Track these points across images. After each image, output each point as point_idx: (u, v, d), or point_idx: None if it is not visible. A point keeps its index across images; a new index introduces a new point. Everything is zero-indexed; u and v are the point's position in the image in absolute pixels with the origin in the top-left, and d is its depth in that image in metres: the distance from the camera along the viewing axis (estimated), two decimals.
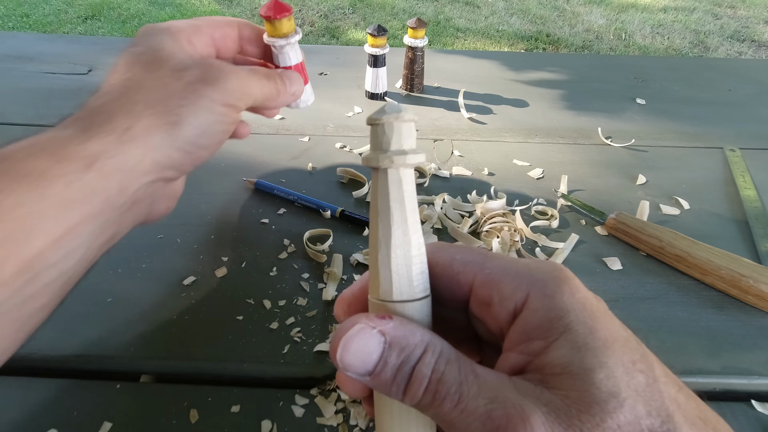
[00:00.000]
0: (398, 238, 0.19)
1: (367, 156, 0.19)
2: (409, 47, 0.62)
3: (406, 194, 0.19)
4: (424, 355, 0.17)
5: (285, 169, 0.50)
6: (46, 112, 0.58)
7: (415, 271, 0.19)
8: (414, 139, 0.19)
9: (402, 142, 0.19)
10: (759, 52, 2.44)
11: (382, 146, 0.19)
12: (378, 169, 0.19)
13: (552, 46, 2.40)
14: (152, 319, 0.35)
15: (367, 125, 0.20)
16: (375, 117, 0.19)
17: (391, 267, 0.19)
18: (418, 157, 0.19)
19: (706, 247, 0.39)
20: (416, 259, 0.19)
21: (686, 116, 0.62)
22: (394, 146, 0.19)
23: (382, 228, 0.19)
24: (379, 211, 0.19)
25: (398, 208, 0.19)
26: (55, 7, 2.47)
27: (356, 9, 2.63)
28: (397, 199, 0.19)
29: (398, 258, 0.19)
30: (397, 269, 0.19)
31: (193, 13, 2.49)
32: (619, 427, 0.15)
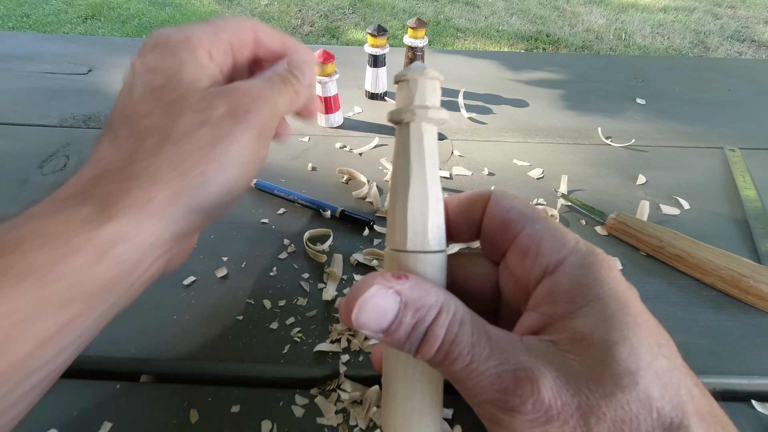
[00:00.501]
0: (416, 190, 0.19)
1: (392, 111, 0.20)
2: (409, 47, 0.62)
3: (426, 149, 0.19)
4: (439, 316, 0.17)
5: (285, 169, 0.50)
6: (46, 112, 0.58)
7: (431, 224, 0.19)
8: (438, 98, 0.20)
9: (425, 98, 0.20)
10: (759, 52, 2.44)
11: (405, 101, 0.19)
12: (401, 123, 0.19)
13: (552, 46, 2.40)
14: (152, 319, 0.35)
15: (394, 83, 0.20)
16: (402, 74, 0.20)
17: (407, 217, 0.19)
18: (441, 113, 0.20)
19: (706, 247, 0.39)
20: (433, 213, 0.19)
21: (686, 116, 0.62)
22: (417, 101, 0.19)
23: (401, 179, 0.19)
24: (399, 164, 0.19)
25: (418, 160, 0.19)
26: (55, 7, 2.47)
27: (356, 9, 2.63)
28: (418, 152, 0.19)
29: (414, 209, 0.19)
30: (413, 220, 0.19)
31: (192, 13, 2.49)
32: (629, 403, 0.15)
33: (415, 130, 0.19)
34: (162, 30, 0.25)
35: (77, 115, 0.58)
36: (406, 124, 0.19)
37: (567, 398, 0.15)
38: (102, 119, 0.57)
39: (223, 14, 2.49)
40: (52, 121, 0.57)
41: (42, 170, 0.49)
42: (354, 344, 0.34)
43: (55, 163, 0.50)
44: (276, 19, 2.48)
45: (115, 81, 0.66)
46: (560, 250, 0.18)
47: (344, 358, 0.33)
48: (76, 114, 0.58)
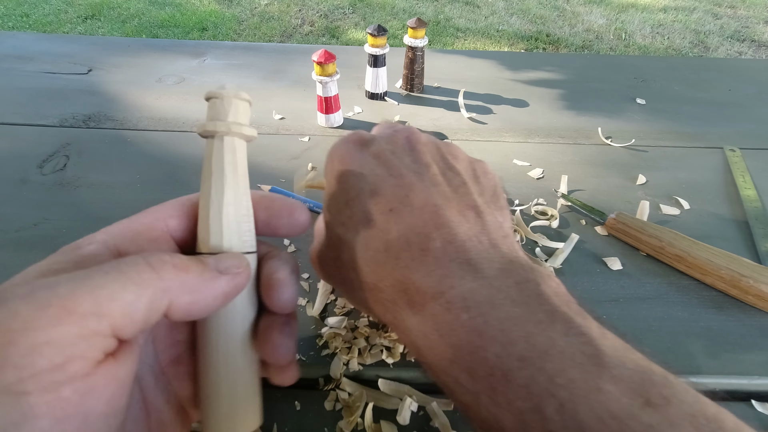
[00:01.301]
0: (230, 197, 0.21)
1: (205, 124, 0.21)
2: (409, 47, 0.62)
3: (239, 160, 0.21)
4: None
5: (285, 169, 0.50)
6: (46, 112, 0.58)
7: (244, 227, 0.21)
8: (248, 119, 0.22)
9: (238, 116, 0.21)
10: (759, 52, 2.44)
11: (219, 116, 0.21)
12: (215, 136, 0.21)
13: (552, 46, 2.40)
14: None
15: (205, 100, 0.21)
16: (215, 91, 0.21)
17: (222, 222, 0.20)
18: (253, 130, 0.22)
19: (706, 247, 0.39)
20: (245, 218, 0.21)
21: (686, 116, 0.62)
22: (231, 117, 0.21)
23: (215, 187, 0.21)
24: (213, 173, 0.21)
25: (231, 170, 0.21)
26: (55, 6, 2.47)
27: (356, 9, 2.63)
28: (231, 163, 0.21)
29: (229, 215, 0.21)
30: (228, 224, 0.20)
31: (192, 13, 2.49)
32: None
33: (229, 143, 0.21)
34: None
35: (77, 115, 0.58)
36: (221, 137, 0.21)
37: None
38: (102, 119, 0.57)
39: (223, 14, 2.49)
40: (52, 121, 0.57)
41: (42, 170, 0.49)
42: (355, 345, 0.34)
43: (55, 163, 0.50)
44: (276, 19, 2.48)
45: (115, 81, 0.66)
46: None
47: (344, 358, 0.33)
48: (76, 114, 0.58)
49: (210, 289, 0.18)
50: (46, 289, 0.15)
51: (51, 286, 0.15)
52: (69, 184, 0.47)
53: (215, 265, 0.19)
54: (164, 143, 0.54)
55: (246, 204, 0.21)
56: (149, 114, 0.59)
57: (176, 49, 0.75)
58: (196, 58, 0.73)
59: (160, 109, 0.60)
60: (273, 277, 0.22)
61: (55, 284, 0.15)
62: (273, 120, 0.58)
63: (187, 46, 0.78)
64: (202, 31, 2.34)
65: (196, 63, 0.71)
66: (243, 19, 2.49)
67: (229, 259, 0.19)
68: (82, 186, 0.47)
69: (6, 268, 0.38)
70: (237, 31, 2.37)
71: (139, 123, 0.57)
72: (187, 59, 0.72)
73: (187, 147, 0.53)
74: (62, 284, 0.15)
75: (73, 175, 0.48)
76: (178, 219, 0.21)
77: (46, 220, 0.43)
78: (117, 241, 0.19)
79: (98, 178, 0.48)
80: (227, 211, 0.20)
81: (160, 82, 0.66)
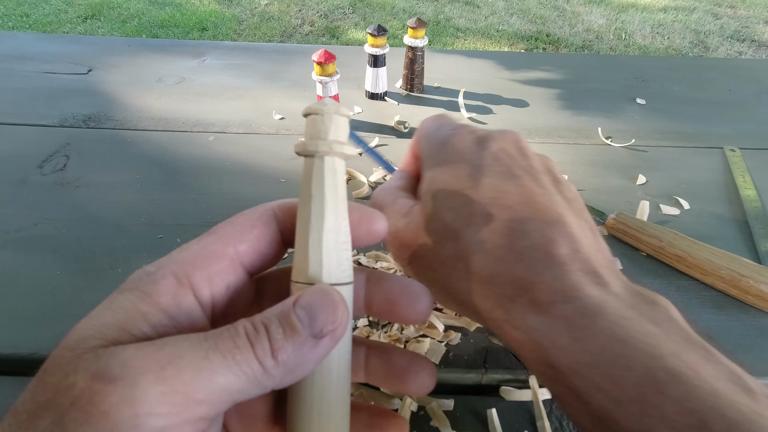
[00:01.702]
0: (330, 223, 0.19)
1: (304, 143, 0.20)
2: (409, 47, 0.62)
3: (339, 182, 0.20)
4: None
5: (285, 170, 0.50)
6: (46, 112, 0.58)
7: (343, 256, 0.19)
8: (347, 135, 0.21)
9: (339, 134, 0.20)
10: (759, 52, 2.44)
11: (320, 135, 0.20)
12: (315, 155, 0.20)
13: (552, 46, 2.40)
14: None
15: (303, 116, 0.20)
16: (315, 107, 0.20)
17: (322, 250, 0.19)
18: (353, 149, 0.20)
19: (706, 247, 0.39)
20: (344, 245, 0.20)
21: (686, 116, 0.62)
22: (332, 136, 0.20)
23: (315, 212, 0.19)
24: (313, 196, 0.19)
25: (332, 194, 0.20)
26: (55, 6, 2.47)
27: (356, 9, 2.63)
28: (332, 185, 0.20)
29: (329, 242, 0.19)
30: (328, 252, 0.19)
31: (192, 13, 2.49)
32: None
33: (330, 163, 0.20)
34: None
35: (77, 115, 0.58)
36: (321, 157, 0.20)
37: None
38: (102, 119, 0.57)
39: (223, 14, 2.49)
40: (52, 121, 0.57)
41: (42, 170, 0.49)
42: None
43: (55, 163, 0.50)
44: (276, 19, 2.48)
45: (115, 81, 0.66)
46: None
47: None
48: (76, 114, 0.58)
49: (307, 361, 0.17)
50: (173, 367, 0.15)
51: (174, 365, 0.15)
52: (69, 184, 0.47)
53: (309, 330, 0.17)
54: (164, 143, 0.54)
55: (345, 230, 0.20)
56: (149, 114, 0.59)
57: (176, 49, 0.75)
58: (196, 58, 0.73)
59: (160, 109, 0.60)
60: (409, 289, 0.21)
61: (178, 368, 0.15)
62: (273, 120, 0.58)
63: (187, 46, 0.78)
64: (202, 31, 2.34)
65: (196, 63, 0.71)
66: (243, 19, 2.49)
67: (322, 311, 0.17)
68: (82, 186, 0.47)
69: (6, 268, 0.38)
70: (237, 31, 2.37)
71: (139, 123, 0.57)
72: (187, 59, 0.72)
73: (187, 147, 0.53)
74: (185, 368, 0.15)
75: (73, 175, 0.48)
76: (248, 243, 0.20)
77: (46, 220, 0.43)
78: (188, 272, 0.18)
79: (98, 178, 0.48)
80: (327, 238, 0.19)
81: (160, 82, 0.66)
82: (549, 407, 0.31)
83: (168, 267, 0.18)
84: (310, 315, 0.17)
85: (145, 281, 0.18)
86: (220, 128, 0.57)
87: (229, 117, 0.59)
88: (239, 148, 0.53)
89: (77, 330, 0.16)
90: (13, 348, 0.33)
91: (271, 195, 0.47)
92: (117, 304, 0.17)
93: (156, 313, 0.17)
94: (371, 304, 0.21)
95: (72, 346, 0.16)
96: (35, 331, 0.34)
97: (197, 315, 0.18)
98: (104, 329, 0.16)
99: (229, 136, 0.55)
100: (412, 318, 0.21)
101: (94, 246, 0.41)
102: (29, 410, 0.14)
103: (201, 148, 0.53)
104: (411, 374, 0.21)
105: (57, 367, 0.15)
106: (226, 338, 0.16)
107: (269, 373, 0.16)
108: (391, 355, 0.22)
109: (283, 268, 0.22)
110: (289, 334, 0.16)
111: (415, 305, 0.21)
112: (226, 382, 0.15)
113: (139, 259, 0.40)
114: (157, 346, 0.15)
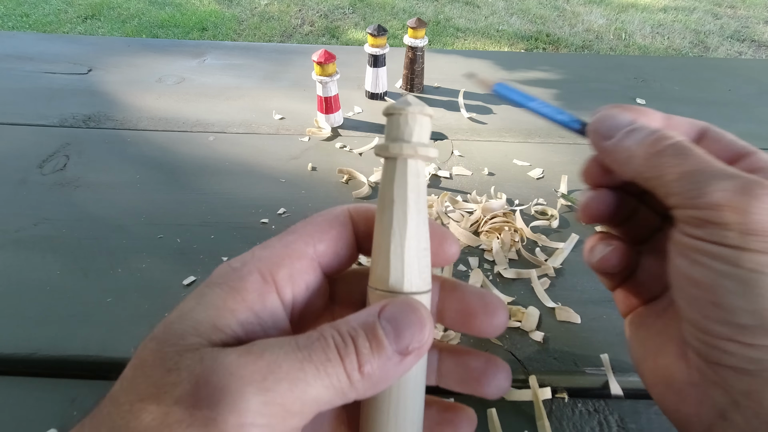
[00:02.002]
0: (412, 229, 0.18)
1: (386, 145, 0.19)
2: (409, 47, 0.62)
3: (422, 187, 0.19)
4: (677, 139, 0.19)
5: (285, 170, 0.50)
6: (46, 112, 0.58)
7: (423, 263, 0.19)
8: (429, 135, 0.19)
9: (422, 135, 0.19)
10: (759, 52, 2.44)
11: (403, 136, 0.19)
12: (397, 158, 0.19)
13: (552, 46, 2.40)
14: (152, 319, 0.35)
15: (384, 115, 0.19)
16: (398, 107, 0.19)
17: (405, 258, 0.18)
18: (435, 150, 0.19)
19: None
20: (424, 252, 0.19)
21: (686, 116, 0.62)
22: (416, 138, 0.19)
23: (397, 217, 0.18)
24: (395, 200, 0.18)
25: (415, 198, 0.19)
26: (55, 7, 2.47)
27: (356, 9, 2.63)
28: (415, 189, 0.19)
29: (411, 249, 0.18)
30: (410, 260, 0.18)
31: (192, 13, 2.49)
32: None
33: (413, 166, 0.19)
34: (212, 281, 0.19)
35: (77, 115, 0.58)
36: (404, 160, 0.19)
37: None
38: (102, 119, 0.57)
39: (223, 14, 2.49)
40: (52, 121, 0.57)
41: (42, 170, 0.49)
42: None
43: (55, 163, 0.50)
44: (276, 19, 2.48)
45: (115, 81, 0.66)
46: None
47: None
48: (76, 114, 0.58)
49: (391, 376, 0.16)
50: (273, 378, 0.15)
51: (274, 376, 0.15)
52: (69, 184, 0.47)
53: (395, 345, 0.16)
54: (164, 143, 0.54)
55: (426, 236, 0.19)
56: (149, 114, 0.59)
57: (176, 49, 0.75)
58: (196, 58, 0.73)
59: (160, 109, 0.60)
60: (486, 301, 0.20)
61: (277, 379, 0.15)
62: (273, 120, 0.58)
63: (187, 46, 0.78)
64: (202, 31, 2.34)
65: (196, 63, 0.71)
66: (243, 19, 2.49)
67: (409, 327, 0.17)
68: (82, 186, 0.47)
69: (6, 268, 0.38)
70: (237, 31, 2.37)
71: (139, 123, 0.57)
72: (187, 59, 0.72)
73: (187, 147, 0.53)
74: (283, 380, 0.15)
75: (73, 175, 0.48)
76: (326, 243, 0.19)
77: (46, 220, 0.43)
78: (272, 270, 0.18)
79: (98, 178, 0.48)
80: (409, 245, 0.18)
81: (160, 82, 0.66)
82: (549, 407, 0.31)
83: (253, 264, 0.18)
84: (396, 329, 0.16)
85: (233, 276, 0.18)
86: (220, 128, 0.57)
87: (229, 117, 0.59)
88: (239, 148, 0.53)
89: (171, 324, 0.17)
90: (13, 348, 0.33)
91: (271, 195, 0.47)
92: (208, 300, 0.17)
93: (244, 311, 0.17)
94: (443, 314, 0.20)
95: (172, 341, 0.16)
96: (35, 331, 0.34)
97: (280, 314, 0.18)
98: (199, 326, 0.16)
99: (229, 136, 0.55)
100: (487, 331, 0.20)
101: (94, 246, 0.41)
102: (131, 401, 0.15)
103: (201, 148, 0.53)
104: (488, 377, 0.21)
105: (159, 361, 0.15)
106: (318, 349, 0.16)
107: (355, 386, 0.16)
108: (465, 358, 0.21)
109: (355, 269, 0.22)
110: (375, 348, 0.16)
111: (492, 318, 0.20)
112: (317, 394, 0.15)
113: (139, 259, 0.40)
114: (257, 354, 0.15)
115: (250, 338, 0.16)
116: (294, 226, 0.20)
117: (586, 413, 0.31)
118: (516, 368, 0.33)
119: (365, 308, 0.17)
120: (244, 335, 0.17)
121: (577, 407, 0.31)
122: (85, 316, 0.35)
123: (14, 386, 0.31)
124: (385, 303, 0.17)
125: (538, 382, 0.31)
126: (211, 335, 0.16)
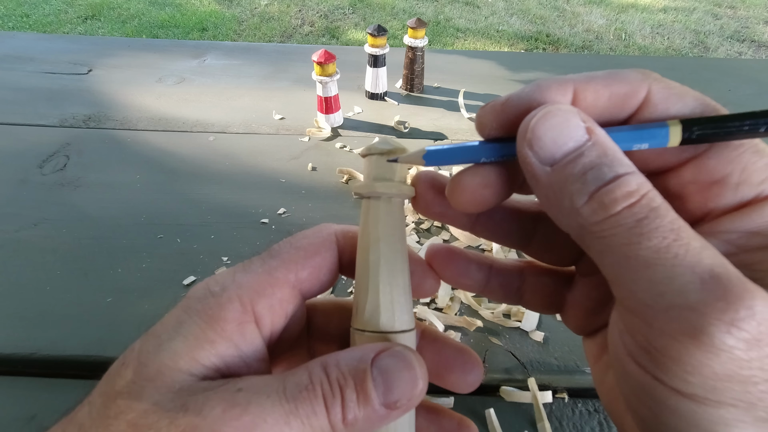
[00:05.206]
0: (399, 266, 0.18)
1: (370, 185, 0.19)
2: (409, 47, 0.62)
3: (403, 224, 0.19)
4: (632, 174, 0.14)
5: (285, 170, 0.50)
6: (46, 112, 0.58)
7: (409, 299, 0.19)
8: (406, 172, 0.20)
9: (402, 173, 0.19)
10: (759, 52, 2.44)
11: (385, 176, 0.19)
12: (380, 197, 0.19)
13: (552, 47, 2.40)
14: (152, 319, 0.35)
15: (362, 156, 0.19)
16: (379, 148, 0.19)
17: (393, 296, 0.18)
18: (411, 189, 0.19)
19: None
20: (409, 288, 0.19)
21: None
22: (398, 177, 0.19)
23: (385, 255, 0.18)
24: (381, 238, 0.18)
25: (400, 236, 0.19)
26: (55, 7, 2.47)
27: (356, 9, 2.63)
28: (399, 227, 0.19)
29: (399, 287, 0.18)
30: (398, 299, 0.18)
31: (192, 13, 2.49)
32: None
33: (398, 204, 0.19)
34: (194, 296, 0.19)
35: (77, 115, 0.58)
36: (388, 199, 0.19)
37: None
38: (102, 119, 0.57)
39: (223, 14, 2.49)
40: (52, 121, 0.57)
41: (42, 170, 0.49)
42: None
43: (55, 163, 0.50)
44: (276, 19, 2.48)
45: (115, 81, 0.66)
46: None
47: None
48: (76, 114, 0.58)
49: (375, 426, 0.16)
50: (255, 416, 0.15)
51: (258, 417, 0.15)
52: (69, 184, 0.47)
53: (383, 398, 0.16)
54: (164, 143, 0.54)
55: (408, 272, 0.19)
56: (149, 114, 0.59)
57: (176, 49, 0.75)
58: (196, 58, 0.73)
59: (160, 109, 0.60)
60: (463, 357, 0.20)
61: (261, 418, 0.15)
62: (273, 120, 0.58)
63: (187, 46, 0.78)
64: (202, 31, 2.34)
65: (196, 63, 0.71)
66: (243, 19, 2.49)
67: (400, 382, 0.16)
68: (82, 186, 0.47)
69: (6, 268, 0.38)
70: (237, 31, 2.37)
71: (139, 123, 0.57)
72: (187, 59, 0.72)
73: (187, 147, 0.53)
74: (270, 422, 0.15)
75: (73, 175, 0.48)
76: (309, 271, 0.19)
77: (46, 220, 0.43)
78: (252, 299, 0.18)
79: (98, 178, 0.48)
80: (397, 283, 0.18)
81: (160, 82, 0.66)
82: (549, 409, 0.31)
83: (233, 290, 0.18)
84: (386, 382, 0.16)
85: (211, 304, 0.18)
86: (220, 128, 0.57)
87: (229, 117, 0.59)
88: (239, 148, 0.53)
89: (147, 353, 0.17)
90: (13, 348, 0.33)
91: (271, 195, 0.47)
92: (186, 330, 0.17)
93: (222, 342, 0.17)
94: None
95: (149, 375, 0.16)
96: (35, 331, 0.34)
97: (258, 344, 0.18)
98: (177, 358, 0.16)
99: (229, 136, 0.55)
100: (461, 387, 0.20)
101: (94, 246, 0.41)
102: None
103: (201, 148, 0.53)
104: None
105: (133, 395, 0.15)
106: (305, 402, 0.15)
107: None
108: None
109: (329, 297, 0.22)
110: (362, 401, 0.16)
111: (467, 375, 0.20)
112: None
113: (139, 259, 0.40)
114: (242, 407, 0.15)
115: (230, 369, 0.16)
116: (278, 246, 0.19)
117: (586, 413, 0.31)
118: (516, 368, 0.33)
119: (359, 348, 0.17)
120: (223, 366, 0.16)
121: (577, 407, 0.31)
122: (85, 316, 0.35)
123: (14, 386, 0.31)
124: (381, 349, 0.16)
125: (538, 382, 0.31)
126: (190, 368, 0.16)
